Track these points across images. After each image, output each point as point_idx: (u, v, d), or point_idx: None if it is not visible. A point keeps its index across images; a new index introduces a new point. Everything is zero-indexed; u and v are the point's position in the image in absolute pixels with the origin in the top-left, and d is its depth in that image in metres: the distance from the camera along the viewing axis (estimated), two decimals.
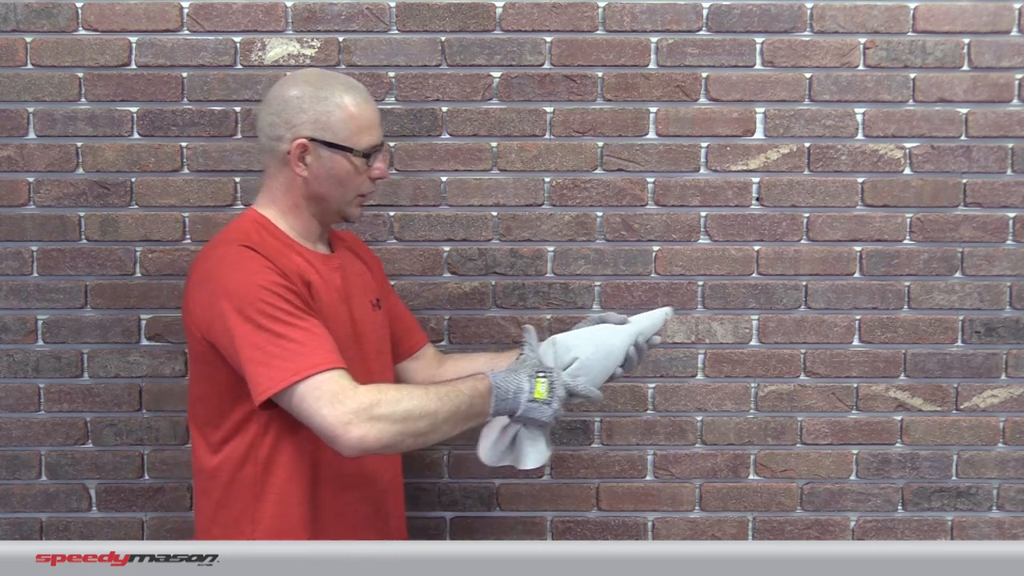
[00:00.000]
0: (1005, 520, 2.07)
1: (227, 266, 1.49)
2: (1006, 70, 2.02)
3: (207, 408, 1.57)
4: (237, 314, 1.45)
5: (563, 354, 1.63)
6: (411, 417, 1.45)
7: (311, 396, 1.42)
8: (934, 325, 2.05)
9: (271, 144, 1.59)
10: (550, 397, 1.54)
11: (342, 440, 1.42)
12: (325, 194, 1.59)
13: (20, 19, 1.98)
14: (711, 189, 2.03)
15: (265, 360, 1.44)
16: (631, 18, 2.00)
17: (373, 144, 1.60)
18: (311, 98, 1.56)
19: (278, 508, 1.56)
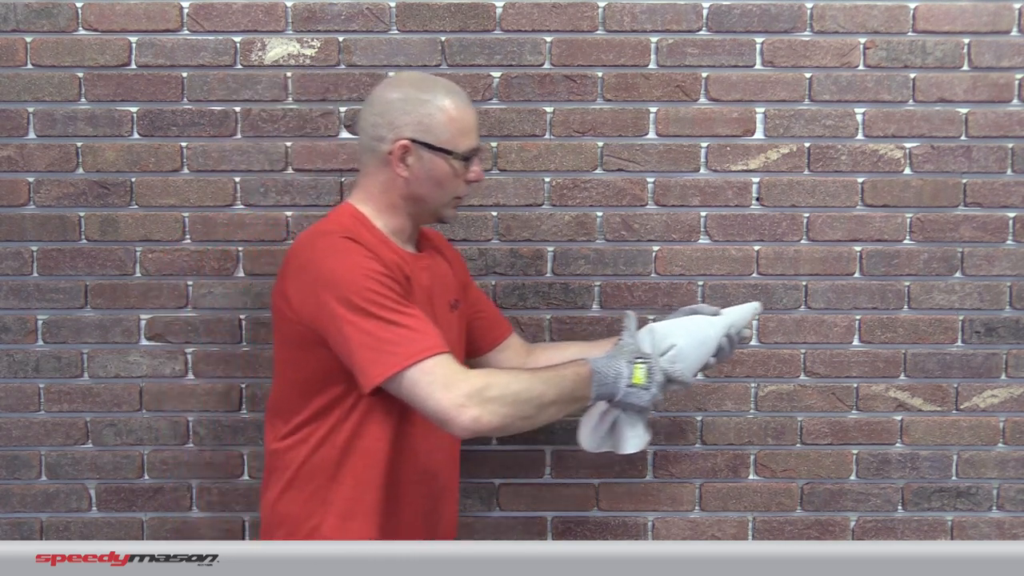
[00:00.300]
0: (1005, 520, 2.07)
1: (332, 256, 1.53)
2: (1006, 70, 2.02)
3: (292, 390, 1.61)
4: (344, 303, 1.49)
5: (660, 341, 1.68)
6: (520, 400, 1.50)
7: (424, 381, 1.47)
8: (934, 325, 2.05)
9: (372, 144, 1.63)
10: (648, 382, 1.59)
11: (456, 422, 1.46)
12: (423, 195, 1.63)
13: (20, 19, 1.98)
14: (711, 189, 2.03)
15: (377, 346, 1.48)
16: (631, 18, 2.00)
17: (472, 147, 1.64)
18: (414, 100, 1.60)
19: (353, 492, 1.60)
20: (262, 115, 2.01)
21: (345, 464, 1.59)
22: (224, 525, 2.05)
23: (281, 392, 1.64)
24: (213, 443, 2.04)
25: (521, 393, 1.51)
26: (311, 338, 1.55)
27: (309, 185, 2.02)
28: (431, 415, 1.49)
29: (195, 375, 2.04)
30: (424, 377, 1.47)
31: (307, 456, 1.60)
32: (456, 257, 1.85)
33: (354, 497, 1.60)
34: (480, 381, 1.49)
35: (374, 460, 1.60)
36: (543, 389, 1.53)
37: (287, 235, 2.02)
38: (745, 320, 1.78)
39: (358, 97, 2.00)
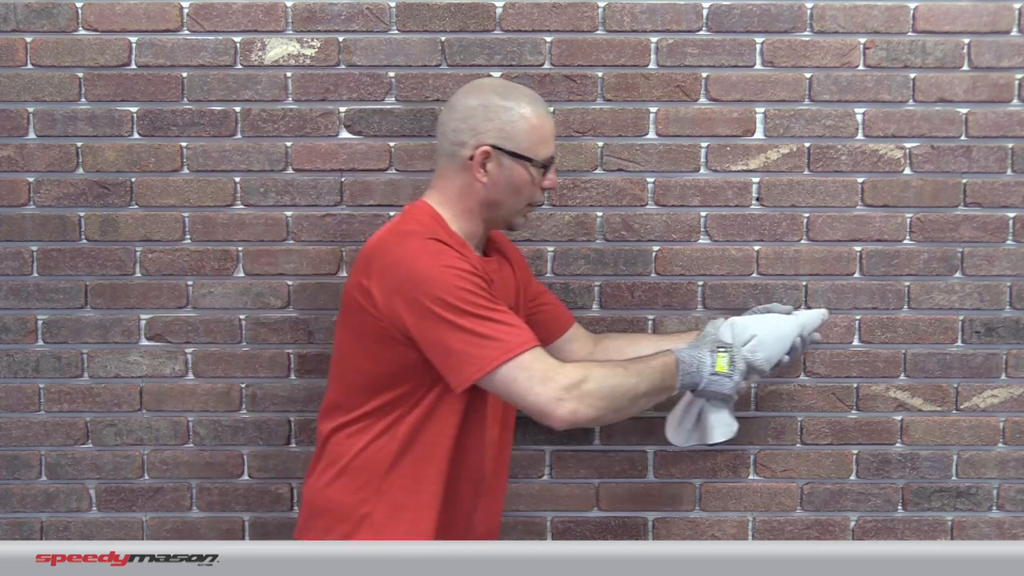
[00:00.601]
0: (1005, 520, 2.07)
1: (423, 256, 1.55)
2: (1006, 70, 2.02)
3: (360, 381, 1.62)
4: (439, 303, 1.51)
5: (741, 332, 1.76)
6: (615, 393, 1.55)
7: (522, 376, 1.51)
8: (934, 325, 2.05)
9: (452, 149, 1.65)
10: (731, 370, 1.67)
11: (554, 415, 1.51)
12: (500, 201, 1.66)
13: (20, 19, 1.98)
14: (711, 189, 2.03)
15: (474, 343, 1.51)
16: (631, 18, 2.00)
17: (550, 155, 1.67)
18: (496, 107, 1.63)
19: (410, 484, 1.62)
20: (262, 115, 2.01)
21: (404, 457, 1.61)
22: (224, 525, 2.05)
23: (345, 382, 1.65)
24: (213, 443, 2.04)
25: (617, 387, 1.55)
26: (392, 335, 1.57)
27: (309, 185, 2.02)
28: (529, 409, 1.53)
29: (195, 375, 2.04)
30: (522, 372, 1.51)
31: (364, 446, 1.62)
32: (517, 255, 1.87)
33: (411, 490, 1.62)
34: (577, 374, 1.53)
35: (434, 455, 1.62)
36: (636, 381, 1.58)
37: (287, 235, 2.02)
38: (815, 324, 1.87)
39: (358, 97, 2.00)
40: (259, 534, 2.05)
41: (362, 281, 1.59)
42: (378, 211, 2.02)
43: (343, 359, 1.66)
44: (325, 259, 2.02)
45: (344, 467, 1.63)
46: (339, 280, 2.02)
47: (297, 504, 2.05)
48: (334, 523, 1.64)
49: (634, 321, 2.03)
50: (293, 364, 2.03)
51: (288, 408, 2.04)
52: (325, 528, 1.65)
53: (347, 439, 1.64)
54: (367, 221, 2.02)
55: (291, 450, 2.04)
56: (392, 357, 1.59)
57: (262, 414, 2.04)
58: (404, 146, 2.01)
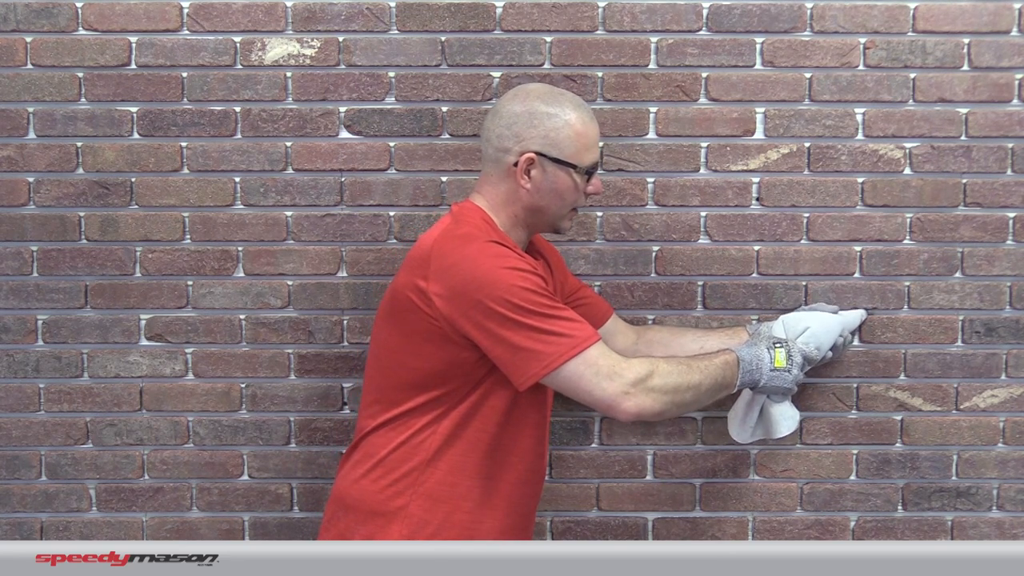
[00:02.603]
0: (1005, 520, 2.07)
1: (485, 259, 1.56)
2: (1006, 70, 2.01)
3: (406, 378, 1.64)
4: (504, 304, 1.53)
5: (794, 325, 1.84)
6: (680, 388, 1.59)
7: (589, 372, 1.54)
8: (934, 325, 2.05)
9: (497, 155, 1.66)
10: (789, 364, 1.72)
11: (620, 409, 1.55)
12: (544, 207, 1.68)
13: (20, 19, 1.98)
14: (711, 189, 2.03)
15: (542, 339, 1.53)
16: (631, 18, 2.00)
17: (594, 162, 1.69)
18: (541, 114, 1.64)
19: (447, 477, 1.63)
20: (262, 115, 2.01)
21: (445, 452, 1.63)
22: (224, 525, 2.05)
23: (389, 379, 1.66)
24: (213, 443, 2.04)
25: (681, 383, 1.59)
26: (447, 334, 1.58)
27: (309, 185, 2.02)
28: (596, 404, 1.56)
29: (195, 375, 2.04)
30: (588, 368, 1.54)
31: (405, 440, 1.64)
32: (554, 254, 1.89)
33: (448, 483, 1.63)
34: (644, 369, 1.56)
35: (475, 450, 1.64)
36: (700, 378, 1.61)
37: (287, 235, 2.02)
38: (854, 324, 1.96)
39: (358, 97, 2.00)
40: (259, 534, 2.05)
41: (418, 282, 1.60)
42: (378, 211, 2.02)
43: (387, 356, 1.67)
44: (325, 259, 2.02)
45: (381, 459, 1.65)
46: (339, 280, 2.02)
47: (297, 504, 2.04)
48: (366, 517, 1.64)
49: (634, 321, 2.03)
50: (293, 364, 2.03)
51: (288, 408, 2.04)
52: (356, 522, 1.65)
53: (388, 433, 1.65)
54: (367, 221, 2.02)
55: (291, 450, 2.04)
56: (443, 356, 1.60)
57: (262, 414, 2.04)
58: (404, 146, 2.01)
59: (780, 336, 1.82)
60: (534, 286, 1.56)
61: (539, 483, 1.78)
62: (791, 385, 1.74)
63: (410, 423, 1.64)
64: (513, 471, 1.68)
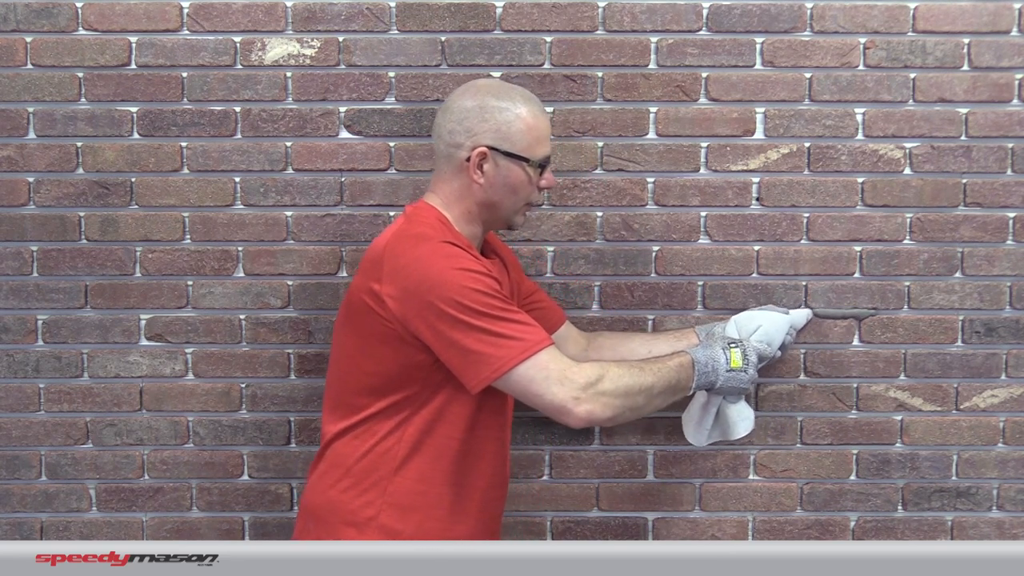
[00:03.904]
0: (1005, 520, 2.07)
1: (437, 260, 1.55)
2: (1006, 70, 2.01)
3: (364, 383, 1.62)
4: (454, 305, 1.51)
5: (746, 323, 1.85)
6: (631, 392, 1.57)
7: (539, 376, 1.52)
8: (934, 325, 2.05)
9: (449, 151, 1.65)
10: (745, 364, 1.71)
11: (572, 415, 1.53)
12: (498, 201, 1.66)
13: (20, 19, 1.98)
14: (711, 189, 2.03)
15: (493, 342, 1.52)
16: (631, 18, 2.00)
17: (547, 155, 1.68)
18: (492, 108, 1.63)
19: (416, 486, 1.62)
20: (262, 115, 2.01)
21: (412, 459, 1.62)
22: (224, 525, 2.05)
23: (348, 383, 1.65)
24: (213, 443, 2.04)
25: (633, 386, 1.57)
26: (402, 337, 1.57)
27: (309, 185, 2.02)
28: (546, 408, 1.54)
29: (195, 375, 2.04)
30: (539, 372, 1.52)
31: (370, 448, 1.62)
32: (510, 255, 1.87)
33: (418, 491, 1.62)
34: (594, 373, 1.54)
35: (443, 457, 1.63)
36: (652, 381, 1.60)
37: (287, 235, 2.02)
38: (801, 323, 1.97)
39: (358, 97, 2.00)
40: (259, 534, 2.05)
41: (372, 285, 1.59)
42: (378, 211, 2.02)
43: (345, 361, 1.66)
44: (325, 259, 2.02)
45: (348, 469, 1.63)
46: (339, 280, 2.02)
47: (297, 504, 2.04)
48: (337, 528, 1.63)
49: (634, 321, 2.03)
50: (293, 364, 2.03)
51: (288, 408, 2.04)
52: (327, 534, 1.64)
53: (352, 441, 1.63)
54: (367, 221, 2.02)
55: (291, 450, 2.04)
56: (399, 359, 1.59)
57: (262, 414, 2.04)
58: (404, 146, 2.01)
59: (734, 336, 1.80)
60: (486, 288, 1.54)
61: (505, 486, 1.76)
62: (747, 385, 1.72)
63: (373, 430, 1.62)
64: (482, 477, 1.67)
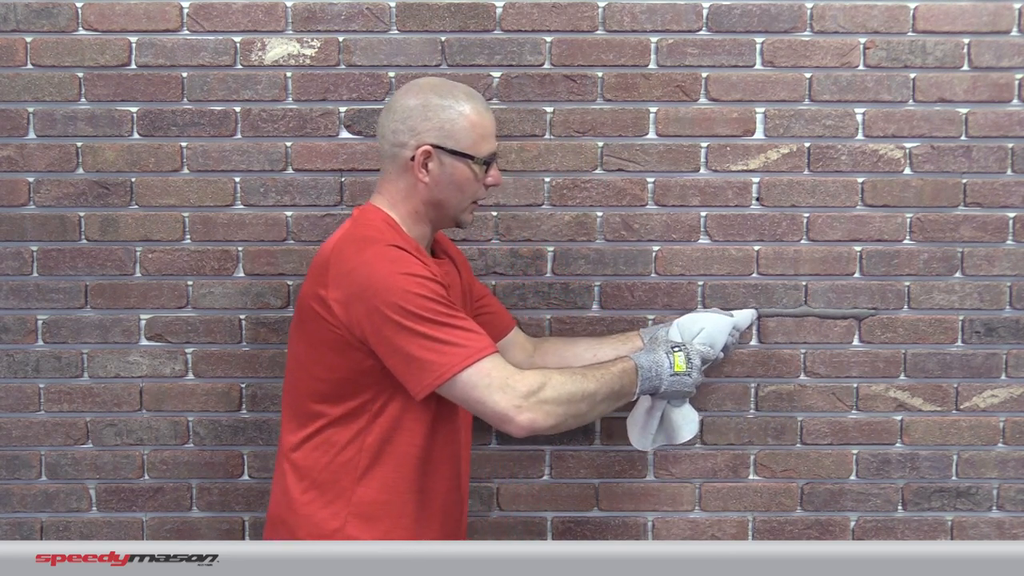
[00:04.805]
0: (1005, 520, 2.07)
1: (381, 264, 1.54)
2: (1006, 70, 2.02)
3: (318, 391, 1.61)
4: (398, 310, 1.50)
5: (689, 326, 1.84)
6: (574, 399, 1.56)
7: (482, 384, 1.50)
8: (934, 325, 2.05)
9: (394, 151, 1.64)
10: (689, 367, 1.70)
11: (514, 423, 1.51)
12: (444, 200, 1.65)
13: (20, 19, 1.98)
14: (711, 189, 2.03)
15: (435, 348, 1.50)
16: (631, 18, 2.00)
17: (492, 151, 1.67)
18: (435, 106, 1.62)
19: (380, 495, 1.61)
20: (262, 115, 2.01)
21: (374, 468, 1.60)
22: (224, 525, 2.05)
23: (303, 392, 1.63)
24: (213, 443, 2.04)
25: (576, 393, 1.56)
26: (350, 342, 1.56)
27: (309, 185, 2.02)
28: (488, 416, 1.53)
29: (195, 375, 2.04)
30: (481, 379, 1.50)
31: (331, 459, 1.60)
32: (460, 257, 1.86)
33: (382, 501, 1.61)
34: (536, 381, 1.53)
35: (405, 465, 1.61)
36: (595, 387, 1.58)
37: (287, 235, 2.02)
38: (746, 324, 1.96)
39: (358, 97, 2.00)
40: (259, 534, 2.05)
41: (319, 290, 1.57)
42: None
43: (298, 368, 1.64)
44: None
45: (313, 480, 1.61)
46: None
47: None
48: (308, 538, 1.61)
49: (634, 321, 2.03)
50: None
51: None
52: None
53: (313, 452, 1.61)
54: None
55: None
56: (349, 365, 1.57)
57: (262, 414, 2.04)
58: None
59: (677, 340, 1.80)
60: (431, 293, 1.52)
61: (462, 490, 1.75)
62: (691, 388, 1.71)
63: (332, 439, 1.60)
64: (443, 481, 1.66)
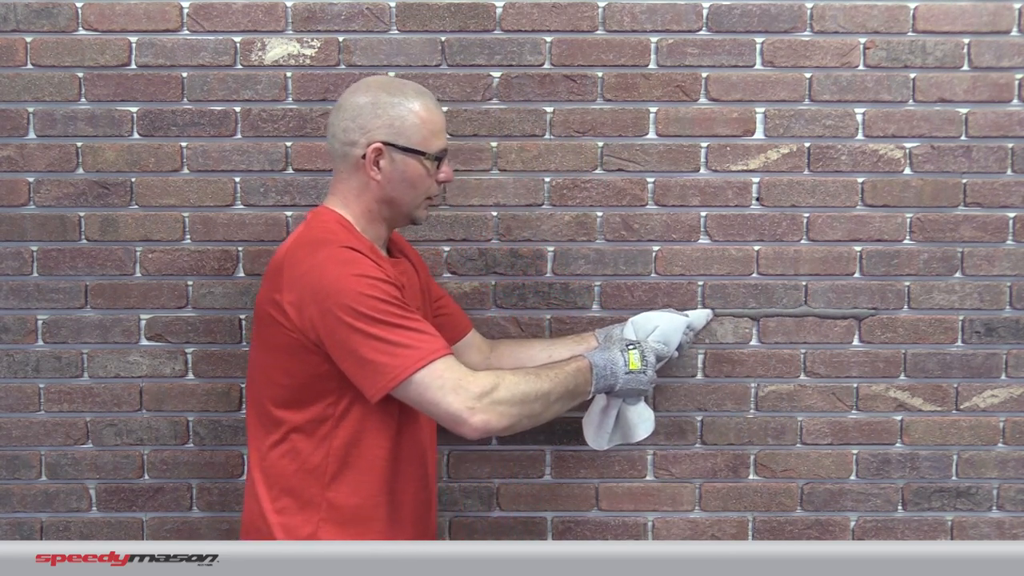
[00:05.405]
0: (1005, 520, 2.07)
1: (335, 266, 1.53)
2: (1006, 70, 2.02)
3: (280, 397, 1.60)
4: (351, 312, 1.49)
5: (644, 324, 1.84)
6: (528, 399, 1.55)
7: (435, 385, 1.49)
8: (934, 325, 2.05)
9: (345, 149, 1.63)
10: (644, 366, 1.70)
11: (467, 425, 1.50)
12: (397, 197, 1.64)
13: (20, 19, 1.98)
14: (711, 189, 2.03)
15: (388, 350, 1.49)
16: (631, 18, 2.00)
17: (442, 147, 1.66)
18: (385, 104, 1.61)
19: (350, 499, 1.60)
20: (262, 115, 2.01)
21: (342, 473, 1.59)
22: (224, 525, 2.05)
23: (266, 399, 1.62)
24: (213, 443, 2.04)
25: (529, 393, 1.55)
26: (306, 346, 1.55)
27: (309, 185, 2.02)
28: (442, 418, 1.52)
29: (195, 375, 2.04)
30: (434, 381, 1.50)
31: (300, 465, 1.60)
32: (418, 258, 1.86)
33: (353, 505, 1.60)
34: (489, 382, 1.52)
35: (374, 468, 1.61)
36: (549, 387, 1.58)
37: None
38: (701, 323, 1.95)
39: None
40: None
41: (273, 295, 1.57)
42: None
43: (259, 375, 1.63)
44: None
45: (283, 487, 1.61)
46: None
47: None
48: None
49: None
50: None
51: None
52: None
53: (281, 460, 1.60)
54: None
55: None
56: (307, 370, 1.56)
57: None
58: None
59: (631, 338, 1.79)
60: (383, 294, 1.51)
61: (433, 488, 1.75)
62: (647, 387, 1.72)
63: (298, 446, 1.59)
64: (412, 482, 1.66)
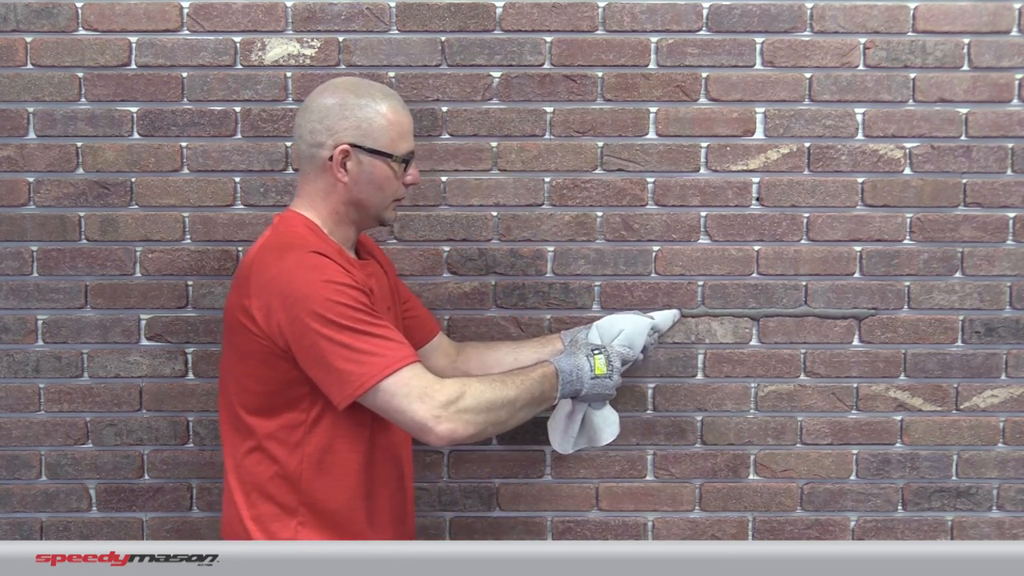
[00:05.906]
0: (1005, 520, 2.07)
1: (303, 271, 1.52)
2: (1006, 70, 2.02)
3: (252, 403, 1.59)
4: (318, 318, 1.49)
5: (608, 328, 1.84)
6: (494, 406, 1.55)
7: (400, 393, 1.49)
8: (934, 325, 2.05)
9: (311, 151, 1.62)
10: (610, 370, 1.71)
11: (433, 434, 1.49)
12: (364, 199, 1.64)
13: (20, 19, 1.98)
14: (711, 189, 2.03)
15: (355, 358, 1.49)
16: (631, 18, 2.00)
17: (410, 149, 1.66)
18: (352, 105, 1.61)
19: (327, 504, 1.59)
20: (262, 115, 2.01)
21: (318, 477, 1.59)
22: None
23: (238, 406, 1.61)
24: (213, 443, 2.04)
25: (495, 400, 1.55)
26: (275, 352, 1.54)
27: None
28: (408, 426, 1.51)
29: (195, 375, 2.04)
30: (400, 389, 1.49)
31: (275, 472, 1.59)
32: (385, 259, 1.85)
33: (331, 510, 1.60)
34: (455, 391, 1.51)
35: (349, 471, 1.60)
36: (515, 394, 1.57)
37: None
38: (667, 325, 1.97)
39: None
40: None
41: (242, 300, 1.56)
42: None
43: (231, 382, 1.62)
44: None
45: (260, 495, 1.60)
46: None
47: None
48: None
49: None
50: None
51: None
52: None
53: (255, 467, 1.60)
54: None
55: None
56: (277, 376, 1.56)
57: None
58: None
59: (597, 343, 1.80)
60: (351, 300, 1.50)
61: (410, 488, 1.75)
62: (612, 391, 1.72)
63: (272, 453, 1.58)
64: (388, 484, 1.66)
